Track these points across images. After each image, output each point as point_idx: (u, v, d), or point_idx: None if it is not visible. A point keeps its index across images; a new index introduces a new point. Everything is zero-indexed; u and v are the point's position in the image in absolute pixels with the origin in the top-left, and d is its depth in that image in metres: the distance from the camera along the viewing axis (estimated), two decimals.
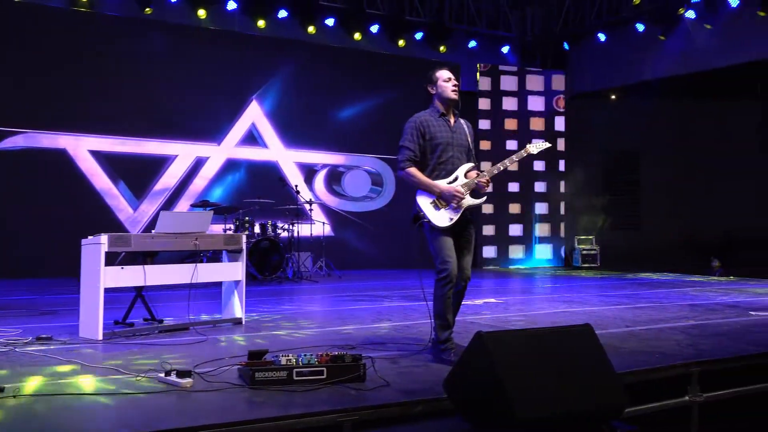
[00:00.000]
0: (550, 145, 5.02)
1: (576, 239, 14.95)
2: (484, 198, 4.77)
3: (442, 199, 4.63)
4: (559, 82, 15.25)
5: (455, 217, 4.63)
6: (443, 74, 4.82)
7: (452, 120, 4.86)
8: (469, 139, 4.88)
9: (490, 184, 4.71)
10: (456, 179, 4.70)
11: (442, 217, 4.63)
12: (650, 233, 16.08)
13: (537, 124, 14.98)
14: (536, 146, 4.87)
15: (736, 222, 15.78)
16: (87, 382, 3.92)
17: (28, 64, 11.28)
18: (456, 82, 4.84)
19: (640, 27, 14.20)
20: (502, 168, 4.76)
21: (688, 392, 4.28)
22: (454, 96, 4.80)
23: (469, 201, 4.66)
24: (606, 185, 16.36)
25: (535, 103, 15.01)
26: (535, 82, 15.10)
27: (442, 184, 4.65)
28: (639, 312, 7.18)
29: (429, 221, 4.63)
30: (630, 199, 16.39)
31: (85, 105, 11.70)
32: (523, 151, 4.83)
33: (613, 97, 16.59)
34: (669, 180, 16.22)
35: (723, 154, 16.24)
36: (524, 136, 14.79)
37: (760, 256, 13.96)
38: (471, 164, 4.79)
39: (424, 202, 4.67)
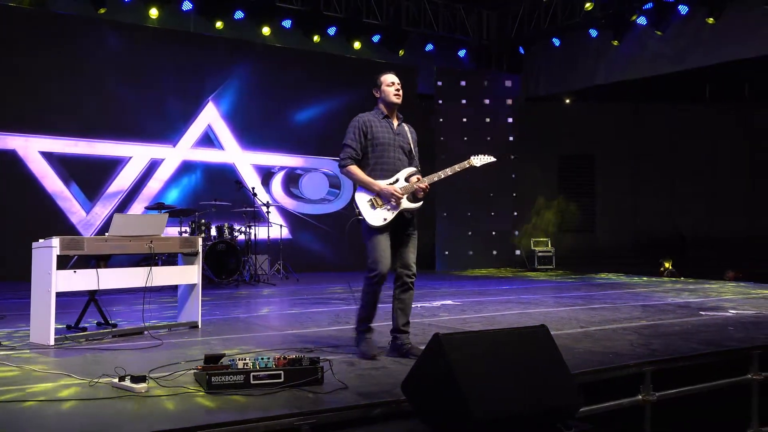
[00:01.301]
0: (495, 159, 5.08)
1: (532, 241, 15.13)
2: (421, 203, 4.87)
3: (380, 198, 4.74)
4: (514, 85, 15.41)
5: (390, 218, 4.75)
6: (387, 78, 4.91)
7: (395, 123, 4.96)
8: (412, 144, 4.98)
9: (428, 190, 4.82)
10: (396, 181, 4.82)
11: (377, 217, 4.74)
12: (604, 235, 16.38)
13: (492, 126, 15.11)
14: (480, 159, 4.99)
15: (687, 223, 16.15)
16: (38, 389, 3.83)
17: None
18: (399, 87, 4.90)
19: (594, 32, 14.45)
20: (442, 176, 4.88)
21: (641, 391, 4.36)
22: (396, 100, 4.88)
23: (405, 204, 4.79)
24: (561, 188, 16.61)
25: (491, 106, 15.14)
26: (490, 85, 15.23)
27: (381, 183, 4.76)
28: (593, 313, 7.28)
29: (364, 219, 4.75)
30: (584, 202, 16.66)
31: (36, 105, 11.46)
32: (466, 162, 4.94)
33: (568, 101, 16.86)
34: (622, 183, 16.55)
35: (675, 156, 16.62)
36: (479, 139, 14.92)
37: (710, 256, 14.32)
38: (413, 168, 4.92)
39: (361, 200, 4.78)
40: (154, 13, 12.50)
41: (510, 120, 15.22)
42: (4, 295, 8.77)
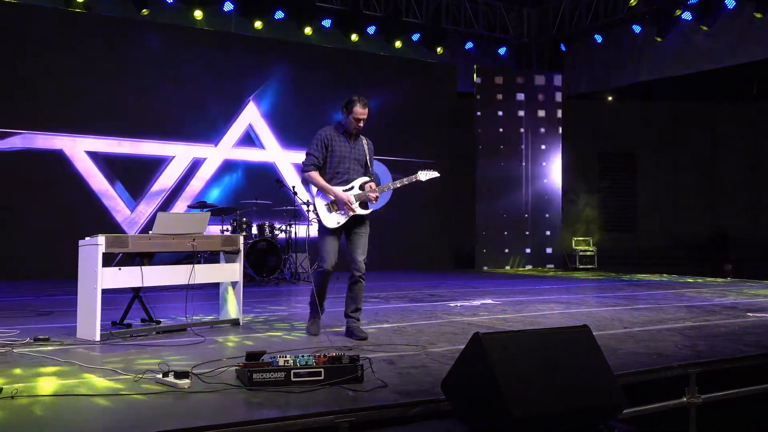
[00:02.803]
0: (438, 174, 5.68)
1: (573, 241, 14.96)
2: (370, 210, 5.57)
3: (336, 204, 5.44)
4: (555, 83, 15.26)
5: (342, 222, 5.46)
6: (357, 112, 5.52)
7: (353, 138, 5.63)
8: (368, 156, 5.66)
9: (379, 200, 5.58)
10: (352, 188, 5.52)
11: (331, 219, 5.46)
12: (647, 234, 16.12)
13: (532, 125, 14.98)
14: (426, 174, 5.63)
15: (731, 222, 15.80)
16: (84, 384, 3.91)
17: (25, 66, 11.26)
18: (363, 122, 5.57)
19: (637, 28, 14.23)
20: (392, 187, 5.63)
21: (686, 393, 4.28)
22: (353, 131, 5.59)
23: (357, 210, 5.48)
24: (602, 186, 16.38)
25: (531, 105, 15.01)
26: (531, 83, 15.10)
27: (338, 190, 5.46)
28: (637, 313, 7.17)
29: (320, 220, 5.47)
30: (626, 201, 16.42)
31: (82, 106, 11.69)
32: (413, 176, 5.62)
33: (610, 98, 16.63)
34: (665, 181, 16.27)
35: (719, 154, 16.28)
36: (519, 137, 14.83)
37: (755, 257, 13.99)
38: (367, 178, 5.60)
39: (319, 204, 5.51)
40: (198, 14, 12.69)
41: (550, 118, 15.08)
42: (53, 292, 8.97)
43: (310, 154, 5.53)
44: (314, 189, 5.59)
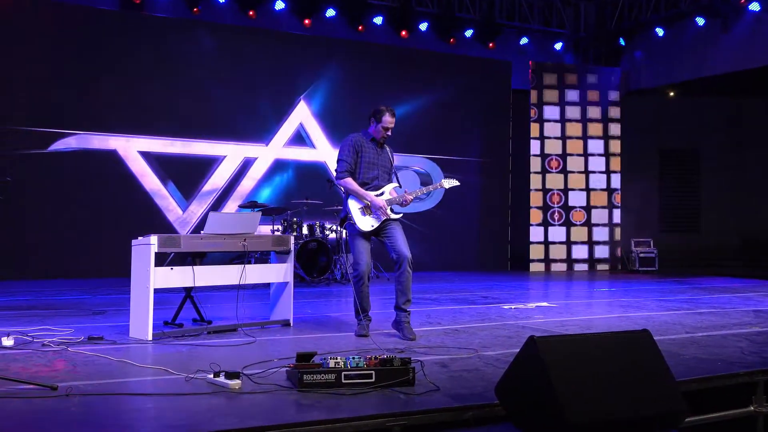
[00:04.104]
0: (459, 183, 6.16)
1: (633, 241, 14.68)
2: (401, 214, 5.92)
3: (369, 208, 5.70)
4: (614, 78, 15.01)
5: (376, 225, 5.71)
6: (386, 121, 5.79)
7: (379, 146, 5.91)
8: (392, 163, 5.97)
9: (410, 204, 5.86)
10: (382, 194, 5.82)
11: (366, 222, 5.71)
12: (711, 235, 15.71)
13: (592, 122, 14.76)
14: (449, 182, 6.10)
15: None
16: (137, 382, 4.00)
17: (78, 66, 11.54)
18: (390, 132, 5.83)
19: (700, 21, 13.89)
20: (418, 194, 6.03)
21: (753, 402, 4.16)
22: (381, 140, 5.88)
23: (389, 215, 5.77)
24: (664, 185, 16.04)
25: (589, 101, 14.79)
26: (588, 78, 14.88)
27: (373, 195, 5.72)
28: (700, 318, 7.01)
29: (354, 223, 5.67)
30: (689, 200, 16.04)
31: (135, 106, 11.93)
32: (438, 184, 6.10)
33: (672, 94, 16.28)
34: (730, 179, 15.83)
35: None
36: (577, 135, 14.62)
37: None
38: (396, 184, 5.96)
39: (353, 207, 5.73)
40: (251, 14, 12.85)
41: (609, 114, 14.83)
42: (106, 291, 9.20)
43: (343, 160, 5.76)
44: (343, 190, 5.85)
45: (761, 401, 4.16)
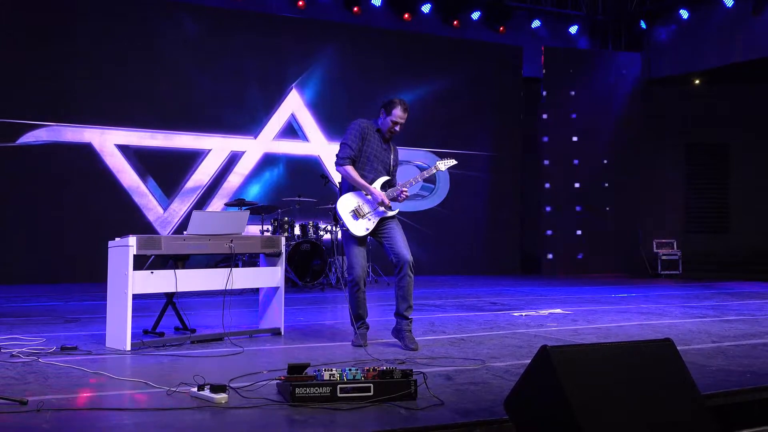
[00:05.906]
0: (456, 162, 6.06)
1: (655, 243, 14.69)
2: (397, 210, 5.75)
3: (366, 205, 5.58)
4: (634, 65, 15.02)
5: (371, 228, 5.61)
6: (396, 115, 5.66)
7: (386, 140, 5.81)
8: (393, 163, 5.86)
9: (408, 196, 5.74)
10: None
11: (359, 227, 5.60)
12: (741, 236, 15.71)
13: (609, 112, 14.78)
14: (445, 163, 5.87)
15: None
16: (114, 396, 4.00)
17: (49, 53, 11.54)
18: (399, 128, 5.72)
19: (729, 2, 13.91)
20: (413, 183, 5.82)
21: None
22: (388, 135, 5.77)
23: (389, 212, 5.67)
24: (689, 181, 16.05)
25: (607, 89, 14.81)
26: (606, 65, 14.90)
27: (374, 188, 5.60)
28: (727, 326, 7.03)
29: (347, 229, 5.57)
30: (717, 198, 16.04)
31: (112, 95, 11.94)
32: (432, 168, 5.87)
33: (697, 82, 16.27)
34: (763, 175, 15.82)
35: None
36: (594, 126, 14.63)
37: None
38: (387, 177, 5.76)
39: (343, 211, 5.61)
40: None
41: (629, 104, 14.85)
42: (80, 297, 9.21)
43: (347, 145, 5.64)
44: (338, 184, 5.80)
45: None
